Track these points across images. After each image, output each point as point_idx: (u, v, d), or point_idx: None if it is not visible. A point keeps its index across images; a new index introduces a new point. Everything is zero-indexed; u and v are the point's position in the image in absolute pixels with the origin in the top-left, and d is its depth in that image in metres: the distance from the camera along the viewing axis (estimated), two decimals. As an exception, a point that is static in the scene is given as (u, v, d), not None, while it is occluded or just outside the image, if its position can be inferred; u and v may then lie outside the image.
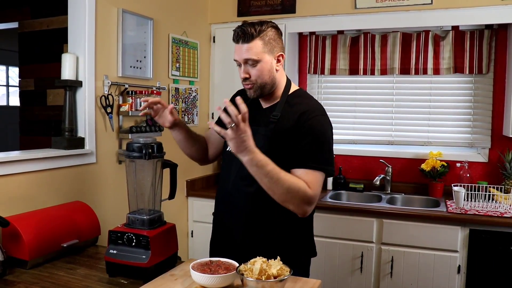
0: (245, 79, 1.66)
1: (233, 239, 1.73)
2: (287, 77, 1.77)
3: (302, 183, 1.54)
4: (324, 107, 1.73)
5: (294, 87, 1.77)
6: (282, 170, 1.51)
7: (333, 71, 3.46)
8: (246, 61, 1.63)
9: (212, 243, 1.87)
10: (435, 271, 2.65)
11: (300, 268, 1.76)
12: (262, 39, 1.63)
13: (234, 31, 1.65)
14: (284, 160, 1.57)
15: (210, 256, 1.72)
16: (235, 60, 1.67)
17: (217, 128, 1.42)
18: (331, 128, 1.69)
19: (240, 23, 1.69)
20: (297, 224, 1.72)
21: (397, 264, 2.72)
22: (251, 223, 1.68)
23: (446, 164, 3.09)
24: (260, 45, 1.62)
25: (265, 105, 1.76)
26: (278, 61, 1.67)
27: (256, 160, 1.45)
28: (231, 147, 1.44)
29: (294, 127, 1.63)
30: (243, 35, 1.62)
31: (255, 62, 1.62)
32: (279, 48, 1.67)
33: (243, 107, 1.39)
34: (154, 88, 2.78)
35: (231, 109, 1.36)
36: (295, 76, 3.56)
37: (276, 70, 1.67)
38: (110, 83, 2.44)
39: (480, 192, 2.74)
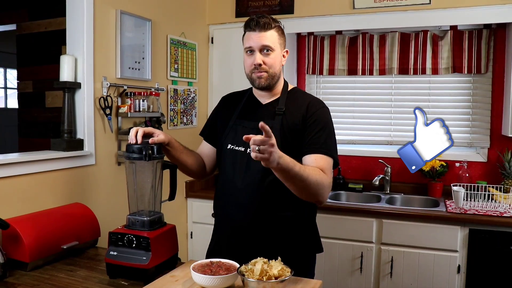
0: (258, 66, 1.68)
1: (240, 236, 1.71)
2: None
3: (322, 173, 1.57)
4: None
5: (290, 85, 1.85)
6: (305, 167, 1.53)
7: (331, 72, 3.46)
8: (262, 48, 1.67)
9: (216, 244, 1.83)
10: (435, 271, 2.65)
11: (306, 266, 1.77)
12: (277, 31, 1.71)
13: (250, 19, 1.70)
14: (294, 151, 1.61)
15: (210, 257, 1.72)
16: (247, 48, 1.70)
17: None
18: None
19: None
20: (304, 219, 1.74)
21: (397, 264, 2.72)
22: (259, 219, 1.67)
23: (445, 164, 3.10)
24: (276, 35, 1.71)
25: (264, 101, 1.80)
26: (283, 56, 1.76)
27: (286, 164, 1.41)
28: (263, 162, 1.36)
29: (302, 119, 1.69)
30: (262, 23, 1.66)
31: (270, 51, 1.68)
32: (285, 45, 1.77)
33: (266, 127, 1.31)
34: (153, 89, 2.78)
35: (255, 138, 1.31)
36: (294, 77, 3.56)
37: (282, 64, 1.76)
38: (108, 84, 2.44)
39: (480, 192, 2.74)
